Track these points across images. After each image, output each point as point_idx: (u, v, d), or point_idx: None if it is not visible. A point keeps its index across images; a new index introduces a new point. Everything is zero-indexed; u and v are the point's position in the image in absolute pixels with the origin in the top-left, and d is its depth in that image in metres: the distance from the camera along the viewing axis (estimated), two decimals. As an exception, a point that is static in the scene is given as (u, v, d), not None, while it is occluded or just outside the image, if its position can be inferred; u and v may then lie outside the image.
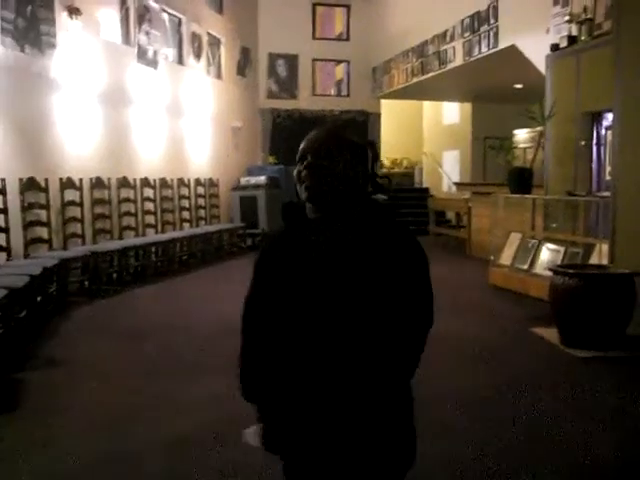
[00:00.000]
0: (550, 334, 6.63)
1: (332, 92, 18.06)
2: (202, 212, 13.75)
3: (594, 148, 8.93)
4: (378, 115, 18.17)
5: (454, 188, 16.88)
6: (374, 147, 2.15)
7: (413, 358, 2.08)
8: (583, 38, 8.87)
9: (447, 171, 19.39)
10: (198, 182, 13.60)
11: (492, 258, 9.82)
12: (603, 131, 8.85)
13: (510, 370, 5.74)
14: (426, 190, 19.26)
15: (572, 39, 9.04)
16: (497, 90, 15.60)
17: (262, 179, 14.80)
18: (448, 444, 4.09)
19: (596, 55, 8.43)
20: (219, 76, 14.99)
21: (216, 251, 13.12)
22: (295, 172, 2.07)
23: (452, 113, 19.76)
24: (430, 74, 14.45)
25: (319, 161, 2.01)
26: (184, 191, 12.93)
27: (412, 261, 2.02)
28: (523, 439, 4.20)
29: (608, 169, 8.46)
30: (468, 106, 18.69)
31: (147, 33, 11.51)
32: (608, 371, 5.71)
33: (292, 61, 17.41)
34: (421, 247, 2.04)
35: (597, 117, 8.88)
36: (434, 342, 6.54)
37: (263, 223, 14.52)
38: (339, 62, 17.85)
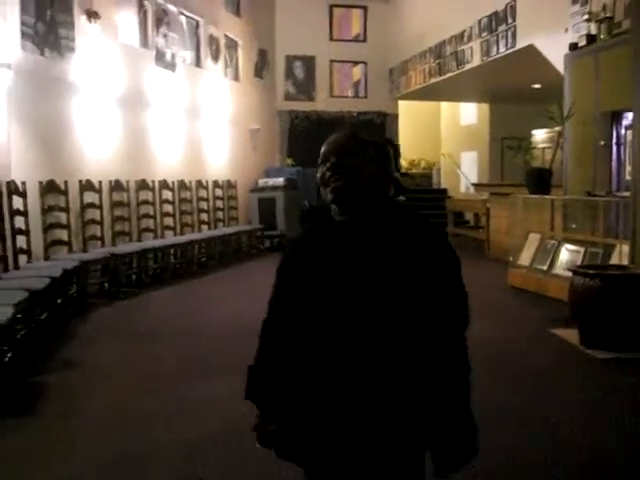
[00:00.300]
0: (570, 335, 6.58)
1: (349, 93, 18.05)
2: (220, 214, 13.77)
3: (614, 148, 8.85)
4: (396, 116, 18.14)
5: (472, 189, 16.81)
6: (396, 145, 2.12)
7: (459, 359, 2.01)
8: (602, 37, 8.81)
9: (465, 172, 19.34)
10: (216, 184, 13.62)
11: (511, 259, 9.77)
12: (623, 131, 8.77)
13: (529, 371, 5.70)
14: (444, 191, 19.18)
15: (591, 38, 8.97)
16: (515, 90, 15.53)
17: (280, 181, 14.79)
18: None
19: (615, 54, 8.36)
20: (237, 78, 15.02)
21: (234, 253, 13.13)
22: (318, 175, 2.03)
23: (470, 114, 19.70)
24: (448, 75, 14.41)
25: (344, 160, 1.97)
26: (202, 193, 12.95)
27: (447, 262, 1.99)
28: (541, 440, 4.17)
29: (628, 169, 8.39)
30: (486, 107, 18.63)
31: (165, 36, 11.54)
32: (628, 372, 5.66)
33: (309, 63, 17.42)
34: (453, 248, 2.01)
35: (616, 117, 8.81)
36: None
37: (281, 225, 14.52)
38: (356, 63, 17.85)
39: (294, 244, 2.19)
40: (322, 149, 2.04)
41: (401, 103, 18.35)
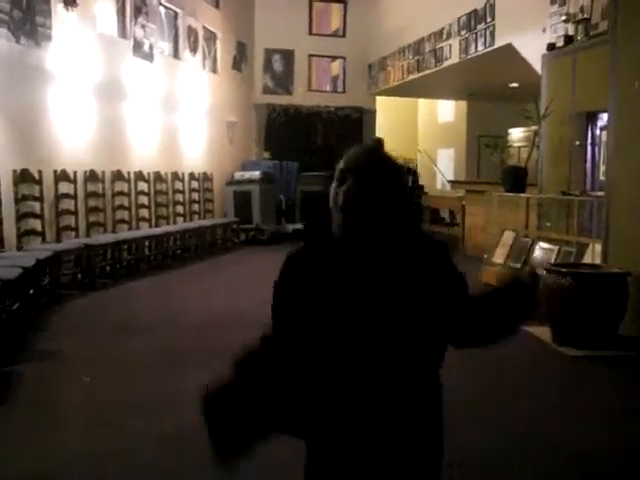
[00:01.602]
0: (542, 332, 6.62)
1: (328, 88, 18.06)
2: (196, 206, 13.73)
3: (589, 148, 8.93)
4: (373, 112, 18.16)
5: (448, 186, 16.89)
6: (414, 173, 2.16)
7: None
8: (579, 38, 8.87)
9: (441, 169, 19.40)
10: (192, 176, 13.58)
11: (485, 256, 9.83)
12: (598, 131, 8.85)
13: (501, 368, 5.74)
14: (421, 187, 19.26)
15: (568, 39, 9.04)
16: (493, 89, 15.61)
17: (256, 174, 14.78)
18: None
19: (592, 55, 8.42)
20: (215, 70, 14.98)
21: (210, 246, 13.11)
22: (332, 193, 2.00)
23: (447, 111, 19.79)
24: (426, 71, 14.45)
25: (361, 184, 1.95)
26: (178, 185, 12.90)
27: (455, 279, 2.05)
28: (510, 437, 4.21)
29: (602, 169, 8.47)
30: (463, 104, 18.71)
31: (143, 26, 11.48)
32: (600, 370, 5.73)
33: (288, 57, 17.40)
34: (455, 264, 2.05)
35: (592, 117, 8.88)
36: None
37: (257, 218, 14.52)
38: (335, 58, 17.87)
39: (292, 260, 2.12)
40: (340, 163, 2.03)
41: (379, 99, 18.38)
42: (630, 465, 3.90)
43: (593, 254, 7.66)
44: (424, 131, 21.13)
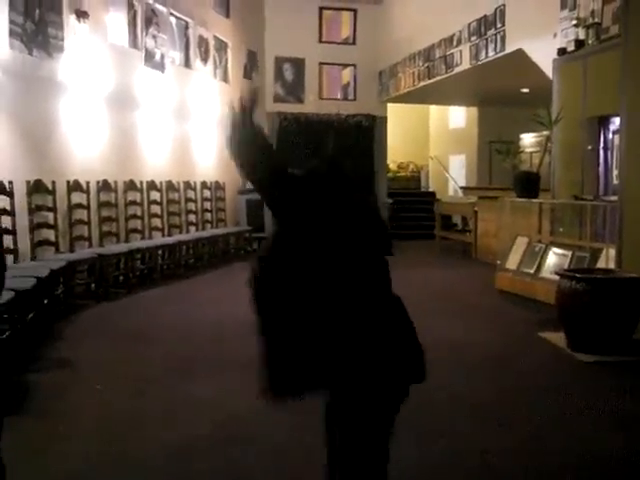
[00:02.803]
0: (557, 338, 6.62)
1: (339, 96, 18.09)
2: (208, 215, 13.76)
3: (601, 152, 8.90)
4: (384, 119, 18.15)
5: (460, 192, 16.88)
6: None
7: None
8: (590, 42, 8.86)
9: (453, 175, 19.40)
10: (204, 185, 13.61)
11: (498, 262, 9.80)
12: (610, 135, 8.83)
13: (516, 374, 5.74)
14: (432, 194, 19.25)
15: (579, 43, 9.02)
16: (504, 94, 15.60)
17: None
18: (453, 446, 4.08)
19: (603, 59, 8.41)
20: (226, 80, 15.01)
21: (222, 254, 13.13)
22: None
23: (458, 117, 19.79)
24: (437, 78, 14.44)
25: None
26: (190, 194, 12.94)
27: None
28: (527, 442, 4.20)
29: (615, 173, 8.44)
30: (474, 110, 18.71)
31: (154, 37, 11.53)
32: (614, 376, 5.69)
33: (298, 65, 17.43)
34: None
35: (604, 121, 8.86)
36: (440, 347, 6.57)
37: (269, 226, 14.49)
38: (346, 66, 17.88)
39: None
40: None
41: (390, 106, 18.39)
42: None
43: (607, 259, 7.63)
44: (436, 137, 21.13)
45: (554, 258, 8.79)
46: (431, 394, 5.06)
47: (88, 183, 9.46)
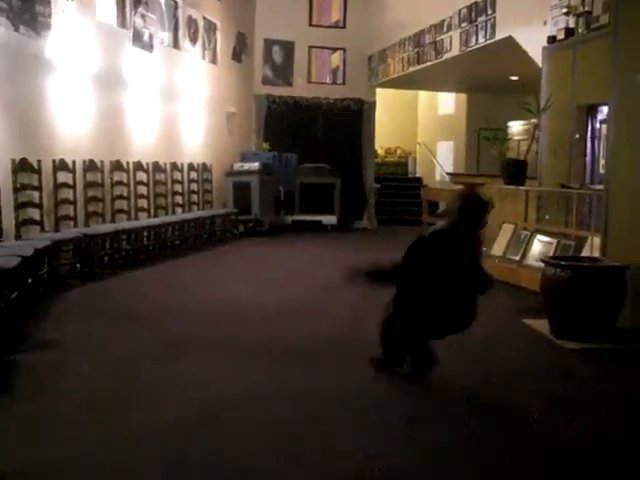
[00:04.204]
0: (541, 325, 6.65)
1: (328, 80, 18.02)
2: (195, 197, 13.73)
3: (588, 141, 8.94)
4: (373, 104, 18.11)
5: (447, 178, 16.89)
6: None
7: None
8: (580, 31, 8.87)
9: (441, 161, 19.41)
10: (191, 167, 13.58)
11: (484, 249, 9.82)
12: (598, 124, 8.86)
13: (500, 360, 5.78)
14: (419, 180, 19.28)
15: (569, 31, 9.03)
16: (493, 81, 15.60)
17: (255, 165, 14.79)
18: (437, 432, 4.11)
19: (593, 48, 8.43)
20: (214, 61, 14.95)
21: (208, 237, 13.13)
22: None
23: (447, 103, 19.79)
24: (426, 64, 14.42)
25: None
26: (177, 175, 12.90)
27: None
28: (510, 428, 4.23)
29: (602, 162, 8.48)
30: (463, 97, 18.70)
31: (143, 16, 11.45)
32: (598, 363, 5.74)
33: (288, 48, 17.36)
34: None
35: (592, 110, 8.89)
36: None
37: (256, 209, 14.54)
38: (335, 50, 17.80)
39: (431, 234, 5.05)
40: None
41: (379, 91, 18.35)
42: (630, 456, 3.91)
43: (592, 247, 7.68)
44: (424, 123, 21.13)
45: (539, 246, 8.83)
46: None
47: (74, 162, 9.42)
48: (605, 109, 7.86)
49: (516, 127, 15.13)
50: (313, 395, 4.72)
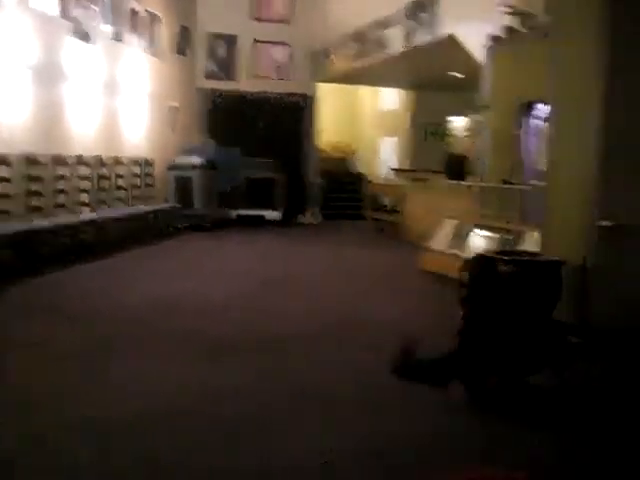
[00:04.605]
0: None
1: (272, 75, 18.01)
2: (137, 192, 13.64)
3: (529, 138, 9.12)
4: (317, 99, 18.19)
5: (391, 174, 17.05)
6: None
7: None
8: (522, 30, 9.05)
9: (385, 157, 19.56)
10: (134, 161, 13.48)
11: (426, 243, 9.98)
12: (537, 121, 9.04)
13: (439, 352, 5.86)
14: (363, 175, 19.39)
15: (511, 30, 9.21)
16: (436, 78, 15.75)
17: (198, 159, 14.76)
18: (379, 422, 4.19)
19: (534, 47, 8.59)
20: (157, 54, 14.86)
21: (151, 231, 13.05)
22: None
23: (391, 99, 19.92)
24: (369, 60, 14.52)
25: None
26: (119, 170, 12.80)
27: None
28: (444, 420, 4.33)
29: (542, 158, 8.65)
30: (407, 93, 18.85)
31: (85, 7, 11.34)
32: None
33: (231, 42, 17.33)
34: None
35: (532, 107, 9.07)
36: (368, 325, 6.65)
37: (198, 204, 14.51)
38: (280, 45, 17.82)
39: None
40: None
41: (323, 86, 18.42)
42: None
43: (531, 242, 7.84)
44: (368, 119, 21.25)
45: (481, 240, 8.99)
46: (361, 373, 5.20)
47: (11, 156, 9.28)
48: (542, 106, 8.03)
49: (459, 123, 15.34)
50: (248, 391, 4.77)
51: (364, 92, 21.09)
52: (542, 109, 8.77)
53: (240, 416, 4.24)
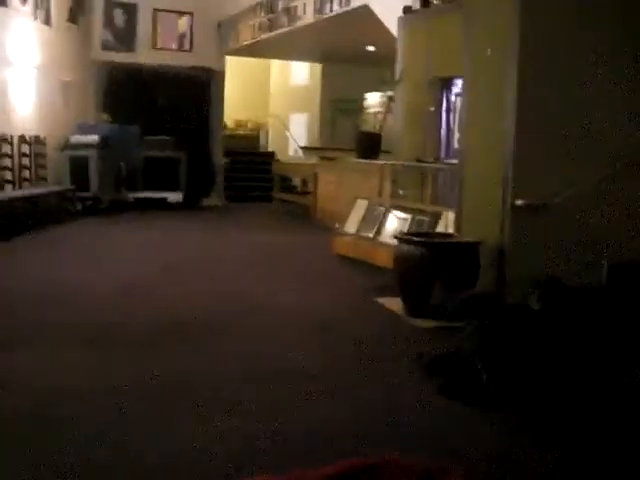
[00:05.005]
0: (394, 304, 6.82)
1: (174, 46, 17.79)
2: (27, 173, 13.32)
3: (443, 114, 9.23)
4: (222, 73, 18.05)
5: (301, 152, 17.07)
6: None
7: None
8: (436, 2, 9.14)
9: (295, 134, 19.56)
10: (23, 139, 13.14)
11: (337, 226, 10.02)
12: (453, 97, 9.16)
13: (352, 341, 5.87)
14: (271, 154, 19.38)
15: (425, 2, 9.29)
16: (349, 51, 15.82)
17: (94, 138, 14.49)
18: (286, 418, 4.19)
19: (448, 20, 8.69)
20: (48, 22, 14.47)
21: (43, 216, 12.76)
22: None
23: (301, 73, 19.94)
24: (279, 31, 14.48)
25: None
26: (6, 149, 12.48)
27: None
28: (361, 409, 4.35)
29: (457, 136, 8.78)
30: (318, 67, 18.88)
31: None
32: (449, 341, 5.95)
33: (130, 10, 17.03)
34: None
35: (447, 83, 9.18)
36: (275, 314, 6.68)
37: (95, 186, 14.26)
38: (182, 14, 17.59)
39: None
40: None
41: (229, 59, 18.29)
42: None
43: (446, 223, 7.94)
44: (277, 94, 21.23)
45: (394, 222, 9.06)
46: (265, 363, 5.18)
47: None
48: (460, 82, 8.13)
49: (372, 99, 15.43)
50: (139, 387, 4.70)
51: (274, 66, 21.06)
52: (458, 84, 8.88)
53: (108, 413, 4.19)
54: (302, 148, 17.20)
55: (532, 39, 6.08)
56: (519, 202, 6.10)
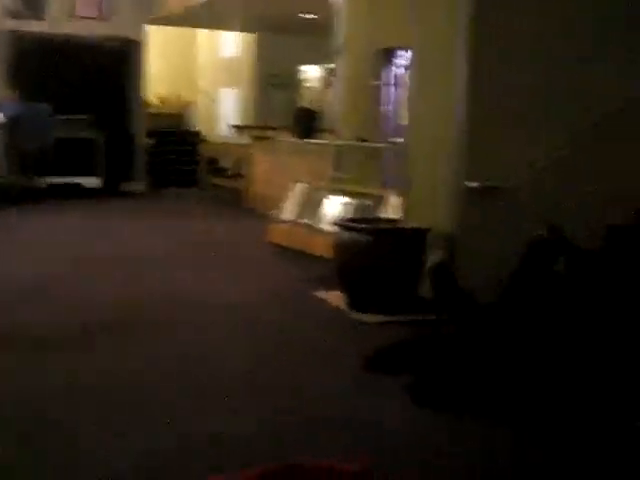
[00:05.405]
0: (335, 297, 6.83)
1: (89, 14, 17.53)
2: None
3: (389, 89, 9.24)
4: (144, 44, 17.85)
5: (232, 132, 16.99)
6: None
7: None
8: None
9: (225, 112, 19.46)
10: None
11: (273, 212, 10.00)
12: (399, 70, 9.17)
13: (289, 338, 5.89)
14: (198, 134, 19.25)
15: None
16: (285, 19, 15.74)
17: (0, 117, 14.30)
18: (224, 418, 4.18)
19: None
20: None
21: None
22: None
23: (232, 45, 19.81)
24: (206, -3, 14.40)
25: None
26: None
27: None
28: (293, 411, 4.36)
29: (404, 112, 8.80)
30: (251, 37, 18.77)
31: None
32: (395, 336, 5.96)
33: (38, -28, 16.77)
34: None
35: (392, 55, 9.19)
36: (207, 309, 6.67)
37: (2, 170, 14.05)
38: (98, -22, 17.37)
39: None
40: None
41: (152, 29, 18.09)
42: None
43: (392, 207, 7.96)
44: (205, 68, 21.08)
45: (336, 207, 9.05)
46: (195, 360, 5.17)
47: None
48: (407, 53, 8.15)
49: (311, 72, 15.40)
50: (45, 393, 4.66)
51: (201, 36, 20.91)
52: (404, 56, 8.91)
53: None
54: (233, 127, 17.10)
55: (487, 5, 6.11)
56: (472, 184, 6.14)
